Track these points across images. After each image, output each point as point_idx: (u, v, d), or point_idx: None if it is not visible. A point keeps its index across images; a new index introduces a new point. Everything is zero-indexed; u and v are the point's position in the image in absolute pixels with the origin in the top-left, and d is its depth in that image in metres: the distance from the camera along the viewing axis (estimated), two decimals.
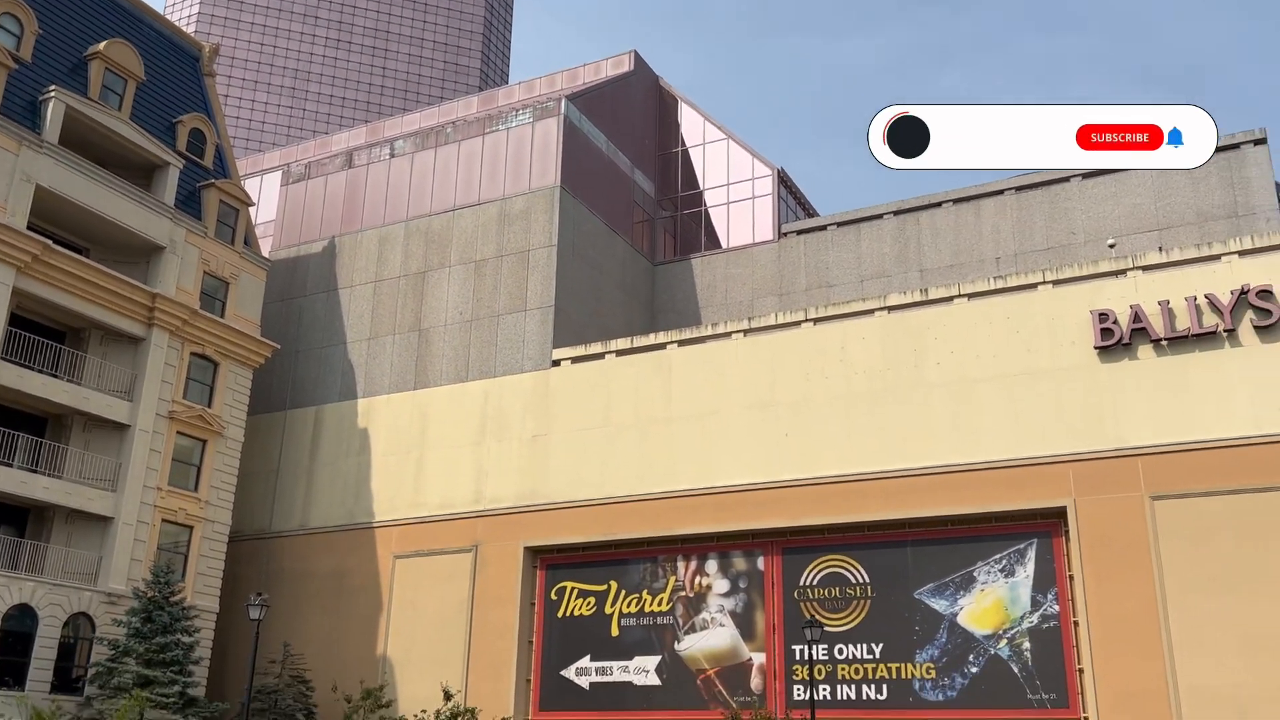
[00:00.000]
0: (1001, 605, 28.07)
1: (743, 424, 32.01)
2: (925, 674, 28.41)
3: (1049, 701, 26.79)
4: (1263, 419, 25.84)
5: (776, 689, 29.96)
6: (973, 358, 29.53)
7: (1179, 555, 25.70)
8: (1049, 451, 27.88)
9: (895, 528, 29.68)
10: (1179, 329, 27.18)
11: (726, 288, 41.77)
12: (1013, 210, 37.33)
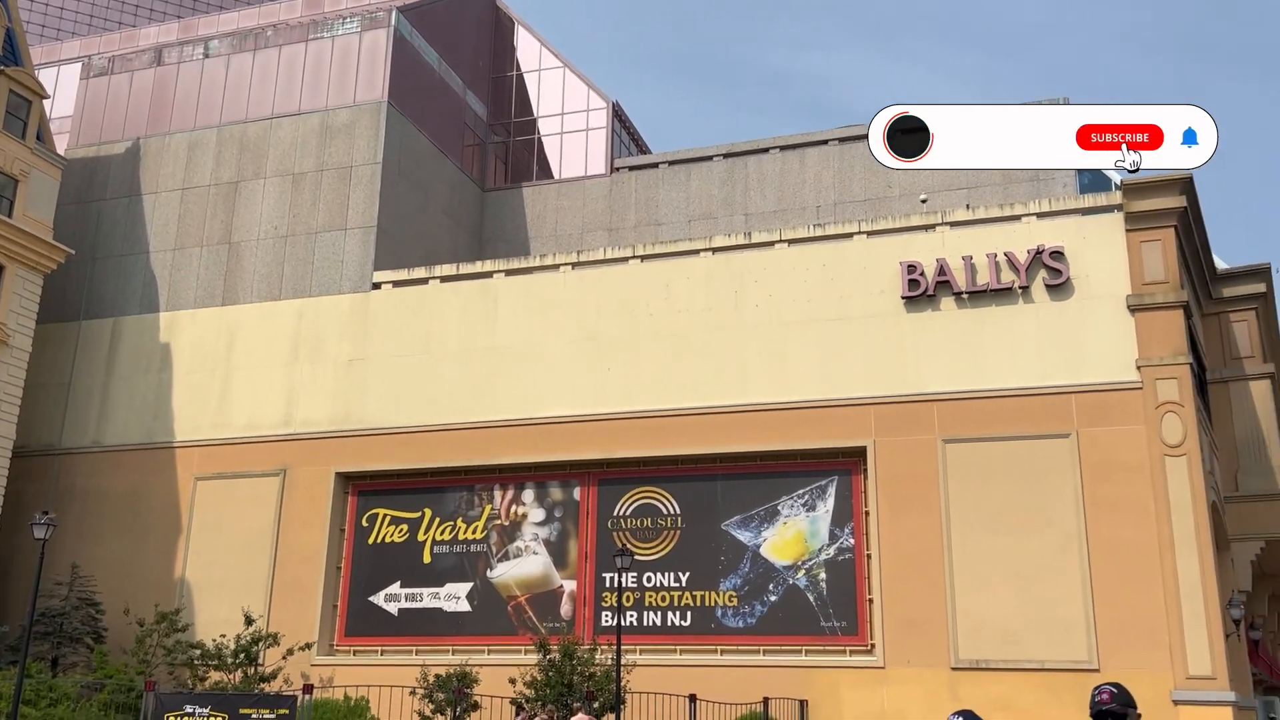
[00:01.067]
0: (802, 538, 29.49)
1: (567, 357, 32.15)
2: (728, 602, 29.65)
3: (840, 629, 28.45)
4: (1047, 372, 27.85)
5: (585, 615, 30.63)
6: (789, 302, 30.52)
7: (964, 495, 27.58)
8: (854, 394, 29.26)
9: (708, 462, 30.61)
10: (979, 284, 28.85)
11: (557, 219, 41.56)
12: (835, 160, 38.53)
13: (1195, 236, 30.71)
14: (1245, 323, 34.36)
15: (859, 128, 39.42)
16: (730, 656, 28.78)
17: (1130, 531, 26.05)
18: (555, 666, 26.32)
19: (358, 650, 32.16)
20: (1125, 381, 27.15)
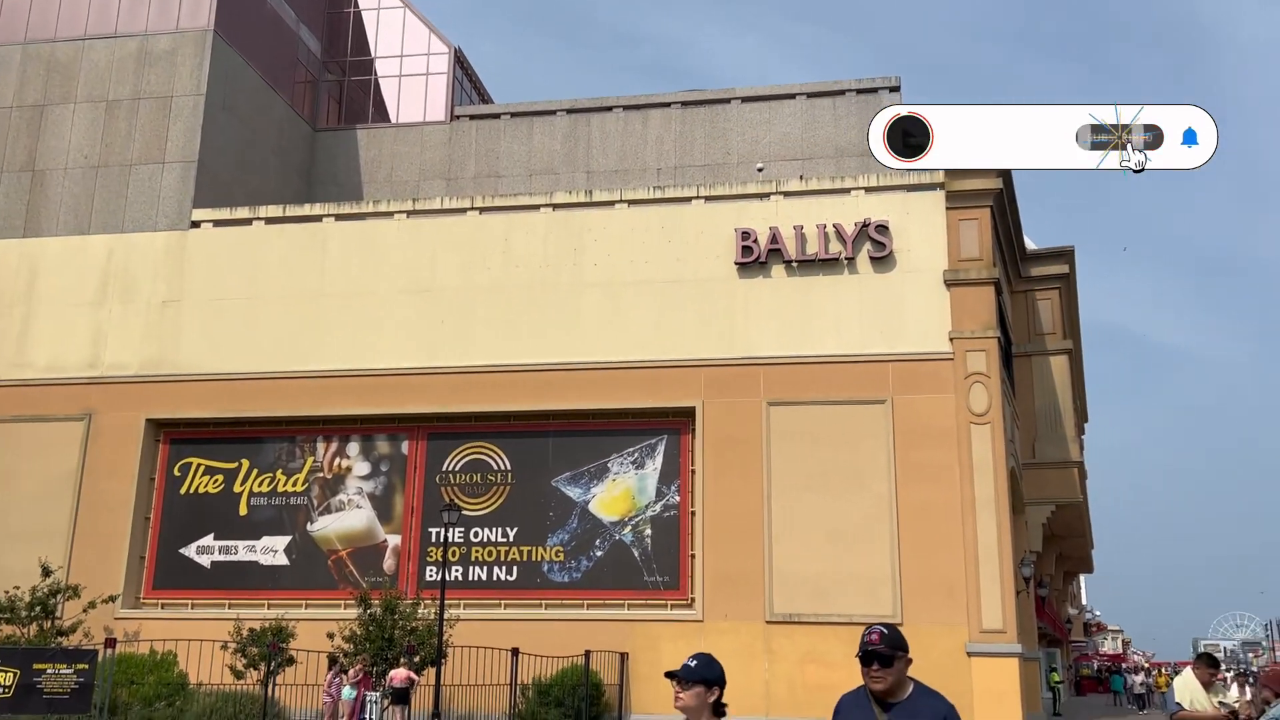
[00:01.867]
0: (630, 494, 29.93)
1: (398, 307, 31.41)
2: (554, 557, 29.85)
3: (663, 584, 29.10)
4: (867, 340, 29.03)
5: (409, 570, 30.27)
6: (627, 262, 30.69)
7: (785, 456, 28.54)
8: (686, 356, 29.76)
9: (540, 419, 30.60)
10: (809, 253, 29.73)
11: (392, 165, 40.37)
12: (677, 124, 38.81)
13: (1009, 217, 32.51)
14: (1049, 301, 36.75)
15: (702, 92, 39.87)
16: (555, 611, 29.03)
17: (936, 494, 27.57)
18: (376, 621, 25.96)
19: (166, 604, 30.84)
20: (938, 352, 28.59)
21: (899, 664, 4.64)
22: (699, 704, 4.77)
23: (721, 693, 4.85)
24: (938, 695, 4.69)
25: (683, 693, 4.80)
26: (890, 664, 4.61)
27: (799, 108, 37.28)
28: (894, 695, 4.61)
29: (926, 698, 4.67)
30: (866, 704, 4.64)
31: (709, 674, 4.80)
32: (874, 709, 4.59)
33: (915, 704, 4.61)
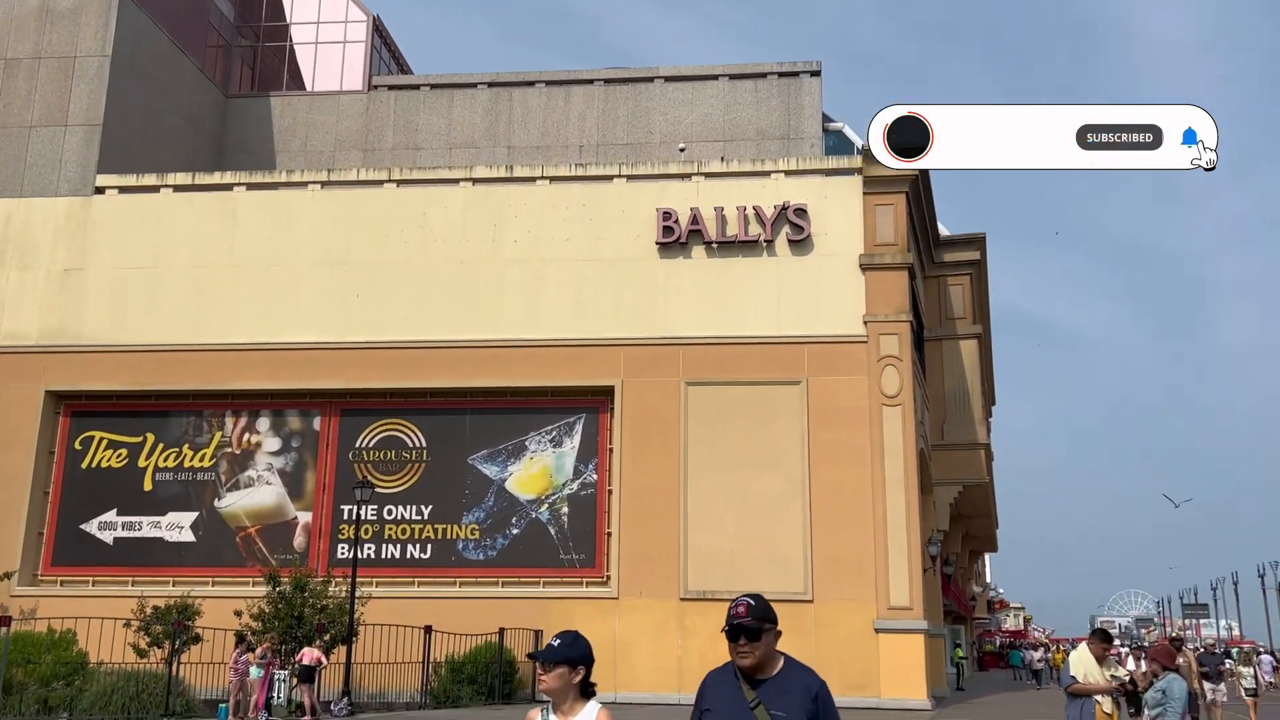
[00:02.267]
0: (547, 473, 29.88)
1: (312, 280, 30.78)
2: (470, 535, 29.69)
3: (579, 561, 29.16)
4: (784, 322, 29.37)
5: (320, 548, 29.83)
6: (548, 239, 30.51)
7: (702, 435, 28.78)
8: (606, 335, 29.75)
9: (457, 395, 30.33)
10: (729, 235, 29.92)
11: (307, 134, 39.43)
12: (600, 102, 38.62)
13: (924, 203, 33.14)
14: (960, 286, 37.60)
15: (626, 70, 39.73)
16: (469, 589, 28.89)
17: (848, 474, 28.09)
18: (285, 599, 25.52)
19: (66, 580, 29.90)
20: (852, 335, 29.06)
21: (767, 637, 4.23)
22: (563, 685, 4.46)
23: (588, 672, 4.52)
24: (809, 670, 4.30)
25: (545, 674, 4.47)
26: (758, 638, 4.19)
27: (721, 89, 37.40)
28: (763, 671, 4.22)
29: (798, 673, 4.27)
30: (734, 681, 4.24)
31: (572, 653, 4.47)
32: (741, 686, 4.20)
33: (786, 680, 4.22)
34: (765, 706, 4.10)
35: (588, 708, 4.49)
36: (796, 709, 4.12)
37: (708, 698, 4.28)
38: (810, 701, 4.15)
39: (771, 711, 4.09)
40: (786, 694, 4.15)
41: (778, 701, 4.11)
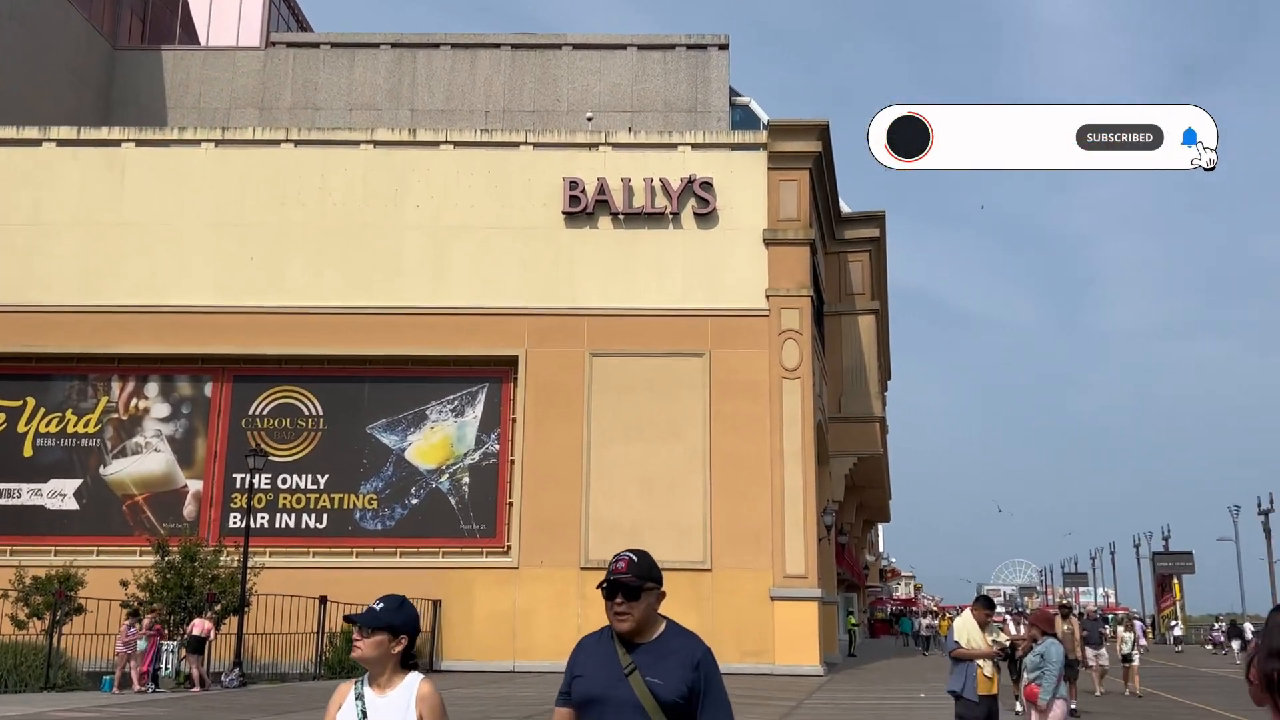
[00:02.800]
0: (449, 442, 29.61)
1: (204, 241, 29.79)
2: (367, 505, 29.28)
3: (479, 531, 29.03)
4: (688, 295, 29.56)
5: (212, 517, 29.07)
6: (451, 206, 30.08)
7: (606, 406, 28.86)
8: (510, 304, 29.53)
9: (355, 363, 29.79)
10: (635, 206, 29.91)
11: (201, 91, 38.04)
12: (507, 67, 38.11)
13: (826, 180, 33.61)
14: (860, 263, 38.32)
15: (534, 36, 39.28)
16: (366, 559, 28.53)
17: (747, 445, 28.51)
18: (174, 569, 24.86)
19: None
20: (755, 309, 29.41)
21: (648, 598, 3.76)
22: (380, 654, 3.93)
23: (412, 642, 4.01)
24: (693, 636, 3.84)
25: (361, 640, 3.94)
26: (637, 597, 3.73)
27: (630, 59, 37.24)
28: (642, 635, 3.76)
29: (680, 638, 3.81)
30: (609, 645, 3.78)
31: (396, 619, 3.96)
32: (617, 650, 3.74)
33: (667, 645, 3.76)
34: (641, 673, 3.66)
35: (407, 681, 3.98)
36: (676, 677, 3.66)
37: (579, 663, 3.81)
38: (691, 670, 3.70)
39: (647, 678, 3.64)
40: (666, 660, 3.71)
41: (655, 668, 3.68)
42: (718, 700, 3.73)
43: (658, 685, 3.64)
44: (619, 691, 3.66)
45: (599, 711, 3.69)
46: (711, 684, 3.73)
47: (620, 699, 3.65)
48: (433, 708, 3.93)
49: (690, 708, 3.68)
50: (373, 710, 3.92)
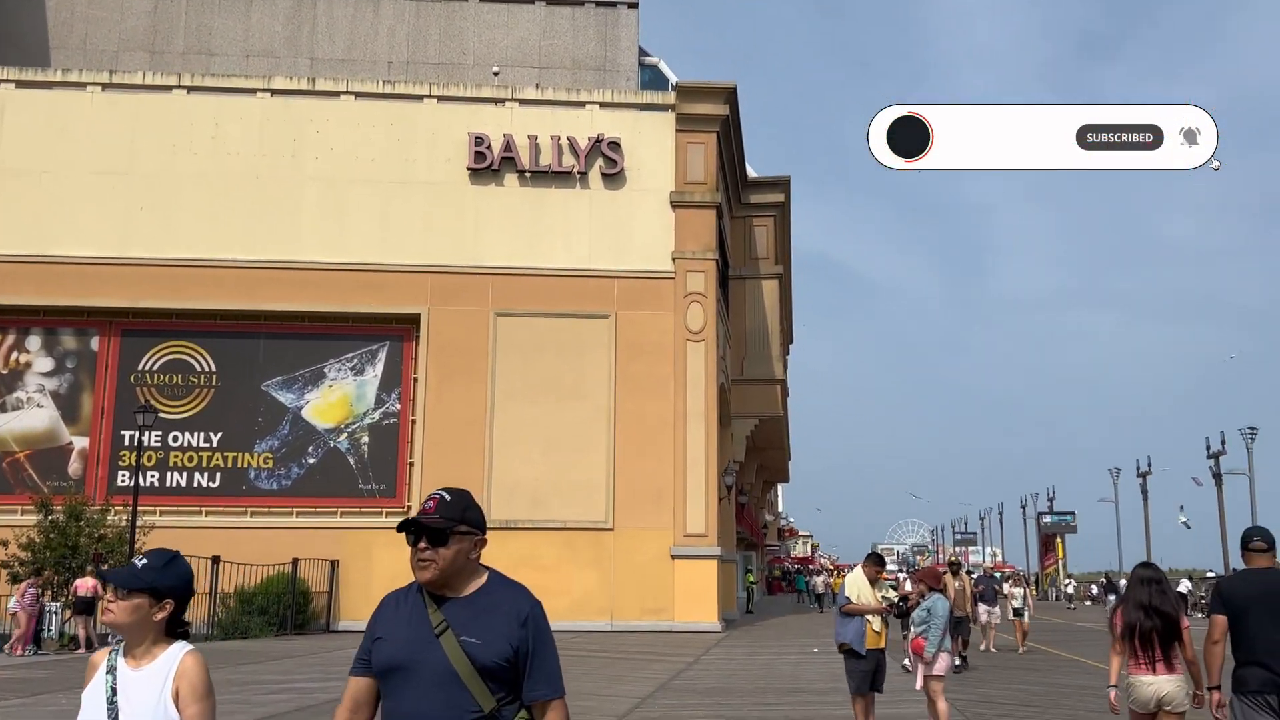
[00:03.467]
0: (347, 401, 29.10)
1: (90, 189, 28.53)
2: (263, 464, 28.65)
3: (379, 491, 28.68)
4: (595, 255, 29.46)
5: (99, 475, 28.12)
6: (352, 159, 29.35)
7: (510, 366, 28.69)
8: (413, 261, 29.04)
9: (250, 319, 28.99)
10: (542, 164, 29.61)
11: (87, 31, 36.15)
12: (411, 17, 37.11)
13: (733, 144, 33.73)
14: (765, 227, 38.67)
15: None
16: (261, 519, 27.97)
17: (651, 406, 28.69)
18: (59, 528, 24.02)
19: None
20: (661, 271, 29.48)
21: (460, 544, 3.13)
22: (136, 620, 3.27)
23: (181, 608, 3.36)
24: (519, 588, 3.24)
25: (114, 604, 3.27)
26: (444, 542, 3.10)
27: (538, 14, 36.60)
28: (457, 588, 3.13)
29: (505, 592, 3.19)
30: (418, 600, 3.15)
31: (160, 580, 3.30)
32: (427, 606, 3.12)
33: (488, 599, 3.14)
34: (455, 632, 3.05)
35: (169, 652, 3.30)
36: (498, 636, 3.06)
37: (380, 623, 3.16)
38: (517, 626, 3.10)
39: (462, 638, 3.03)
40: (486, 616, 3.09)
41: (473, 626, 3.06)
42: (547, 663, 3.14)
43: (475, 646, 3.03)
44: (428, 655, 3.05)
45: (403, 679, 3.07)
46: (541, 644, 3.15)
47: (429, 664, 3.04)
48: (193, 685, 3.23)
49: (515, 672, 3.09)
50: (123, 687, 3.23)
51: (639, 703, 13.07)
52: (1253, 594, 6.15)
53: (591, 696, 13.67)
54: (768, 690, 14.53)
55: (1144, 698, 6.63)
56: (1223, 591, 6.36)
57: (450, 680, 3.03)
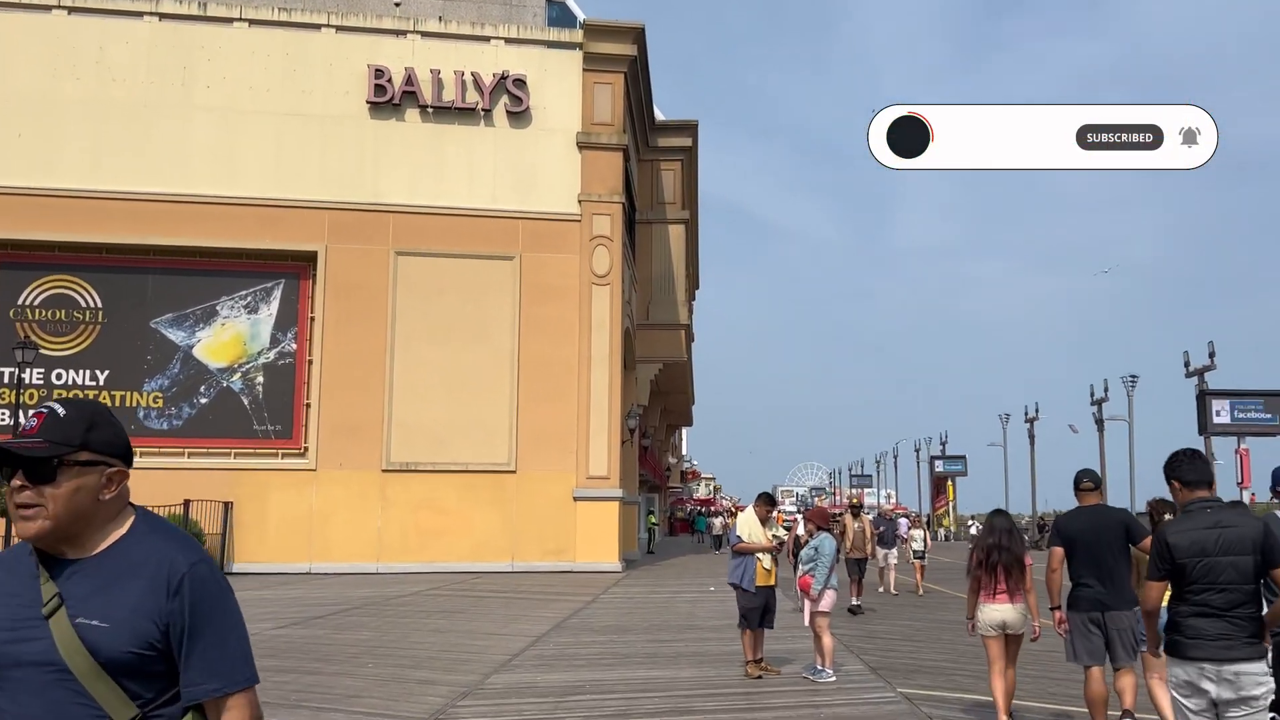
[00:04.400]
0: (241, 340, 28.33)
1: None
2: (152, 403, 27.80)
3: (274, 432, 28.09)
4: (499, 196, 29.03)
5: None
6: (245, 88, 28.27)
7: (411, 307, 28.23)
8: (310, 196, 28.23)
9: (138, 253, 27.91)
10: (445, 100, 28.93)
11: None
12: None
13: (641, 86, 33.43)
14: (672, 172, 38.59)
15: None
16: (151, 459, 27.11)
17: (556, 349, 28.60)
18: None
19: None
20: (567, 213, 29.22)
21: (81, 479, 2.13)
22: None
23: None
24: (176, 539, 2.21)
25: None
26: (53, 478, 2.10)
27: None
28: (78, 544, 2.14)
29: (151, 544, 2.16)
30: (29, 564, 2.14)
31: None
32: (38, 574, 2.12)
33: (122, 559, 2.14)
34: (69, 611, 2.07)
35: None
36: (134, 612, 2.08)
37: None
38: (166, 597, 2.10)
39: (79, 620, 2.06)
40: (119, 585, 2.11)
41: (95, 600, 2.09)
42: (217, 645, 2.13)
43: (96, 630, 2.06)
44: (29, 646, 2.07)
45: None
46: (205, 618, 2.13)
47: (31, 658, 2.07)
48: None
49: (162, 662, 2.11)
50: None
51: (534, 641, 13.18)
52: (1082, 528, 7.22)
53: (488, 636, 13.74)
54: (663, 627, 14.79)
55: (992, 622, 7.68)
56: (1059, 527, 7.42)
57: (59, 681, 2.06)
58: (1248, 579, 4.63)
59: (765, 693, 9.51)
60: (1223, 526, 4.68)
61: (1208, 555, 4.64)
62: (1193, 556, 4.66)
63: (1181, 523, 4.81)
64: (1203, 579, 4.65)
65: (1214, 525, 4.69)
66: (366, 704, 8.88)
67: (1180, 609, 4.74)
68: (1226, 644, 4.56)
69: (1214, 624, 4.61)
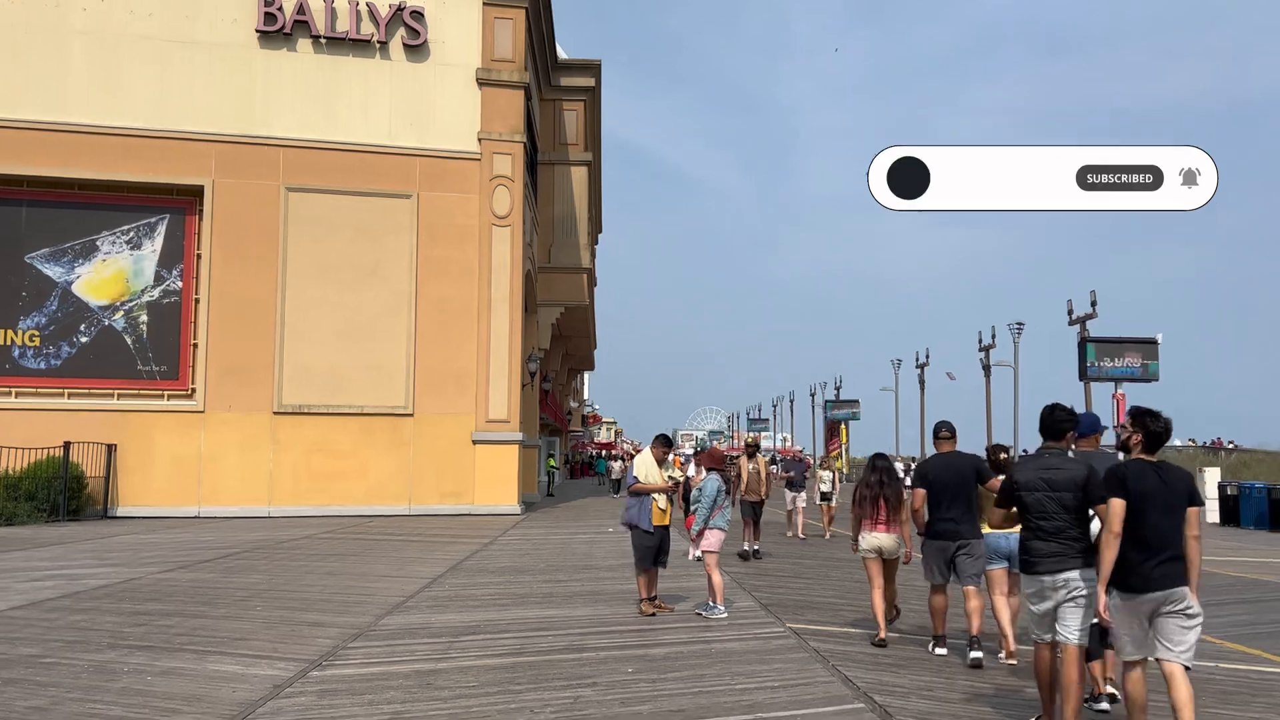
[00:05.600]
0: (123, 277, 27.20)
1: None
2: (28, 341, 26.56)
3: (159, 373, 27.16)
4: (396, 132, 28.27)
5: None
6: (126, 12, 26.83)
7: (303, 245, 27.43)
8: (195, 128, 27.08)
9: (11, 184, 26.47)
10: (339, 30, 27.94)
11: None
12: None
13: (543, 23, 32.80)
14: (575, 113, 38.07)
15: None
16: (28, 400, 26.07)
17: (455, 291, 28.19)
18: None
19: None
20: (466, 151, 28.65)
21: None
22: None
23: None
24: None
25: None
26: None
27: None
28: None
29: None
30: None
31: None
32: None
33: None
34: None
35: None
36: None
37: None
38: None
39: None
40: None
41: None
42: None
43: None
44: None
45: None
46: None
47: None
48: None
49: None
50: None
51: (430, 582, 13.12)
52: (940, 471, 8.39)
53: (382, 578, 13.62)
54: (560, 568, 14.87)
55: (870, 547, 9.15)
56: (920, 471, 8.54)
57: None
58: (1069, 510, 5.84)
59: (658, 629, 9.65)
60: (1054, 469, 5.93)
61: (1037, 490, 5.92)
62: (1027, 490, 5.95)
63: (1025, 463, 6.10)
64: (1035, 509, 5.92)
65: (1047, 468, 5.94)
66: (253, 646, 8.73)
67: (1024, 534, 5.99)
68: (1058, 560, 5.82)
69: (1046, 544, 5.87)
